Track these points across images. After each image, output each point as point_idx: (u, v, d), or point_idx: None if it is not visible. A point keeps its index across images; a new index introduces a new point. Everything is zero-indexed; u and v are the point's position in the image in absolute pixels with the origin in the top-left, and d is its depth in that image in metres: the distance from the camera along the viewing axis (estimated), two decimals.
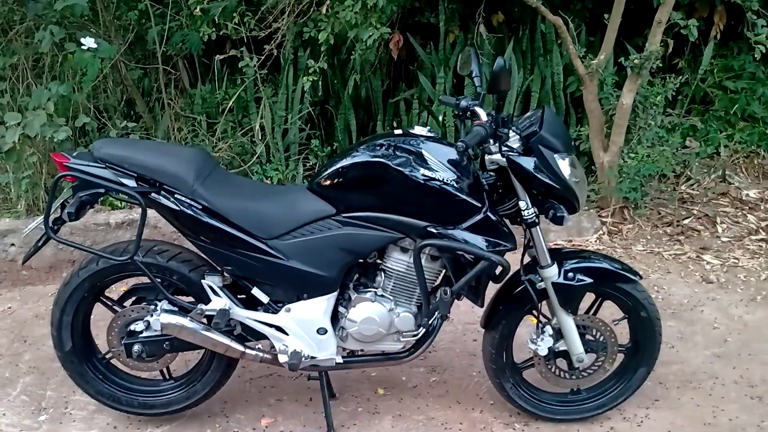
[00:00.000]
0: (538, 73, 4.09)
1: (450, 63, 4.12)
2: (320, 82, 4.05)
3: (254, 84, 4.08)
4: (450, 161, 1.90)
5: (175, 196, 1.93)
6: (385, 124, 4.19)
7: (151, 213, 2.01)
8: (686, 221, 3.76)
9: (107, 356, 2.19)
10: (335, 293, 2.01)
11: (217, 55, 4.11)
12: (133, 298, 2.14)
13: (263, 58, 3.91)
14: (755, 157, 4.19)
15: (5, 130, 3.25)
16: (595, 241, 3.62)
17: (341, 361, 2.09)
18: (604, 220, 3.75)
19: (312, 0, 3.79)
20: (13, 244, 3.30)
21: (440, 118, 3.99)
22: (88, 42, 3.17)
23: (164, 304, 2.05)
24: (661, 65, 3.90)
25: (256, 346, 2.09)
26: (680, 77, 3.96)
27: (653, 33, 3.47)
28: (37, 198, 3.52)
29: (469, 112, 1.95)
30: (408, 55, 4.38)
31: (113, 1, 4.17)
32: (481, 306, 2.09)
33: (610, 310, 2.19)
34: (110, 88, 4.27)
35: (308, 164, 4.07)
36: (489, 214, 1.93)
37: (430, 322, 2.04)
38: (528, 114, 2.07)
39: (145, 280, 2.07)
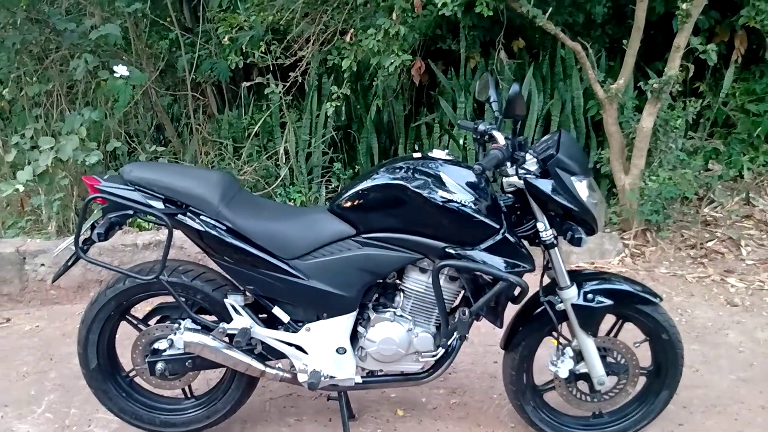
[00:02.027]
0: (558, 98, 4.11)
1: (471, 88, 4.17)
2: (343, 108, 4.14)
3: (279, 109, 4.20)
4: (468, 183, 1.93)
5: (201, 217, 1.98)
6: (406, 147, 4.25)
7: (177, 234, 2.06)
8: (710, 244, 3.71)
9: (131, 374, 2.23)
10: (354, 313, 2.03)
11: (244, 82, 4.25)
12: (158, 317, 2.18)
13: (288, 84, 4.03)
14: None
15: (39, 154, 3.38)
16: (618, 264, 3.60)
17: (360, 381, 2.11)
18: (627, 242, 3.72)
19: (336, 29, 3.90)
20: (42, 264, 3.38)
21: (461, 142, 4.03)
22: (121, 70, 3.29)
23: (187, 323, 2.09)
24: (681, 89, 3.91)
25: (277, 365, 2.11)
26: (701, 100, 3.95)
27: (672, 58, 3.48)
28: (68, 220, 3.62)
29: (487, 136, 1.98)
30: (430, 81, 4.45)
31: (145, 31, 4.33)
32: (500, 327, 2.08)
33: (631, 333, 2.17)
34: (141, 114, 4.42)
35: (331, 187, 4.13)
36: (507, 235, 1.95)
37: (449, 342, 2.05)
38: (545, 137, 2.08)
39: (170, 299, 2.11)
